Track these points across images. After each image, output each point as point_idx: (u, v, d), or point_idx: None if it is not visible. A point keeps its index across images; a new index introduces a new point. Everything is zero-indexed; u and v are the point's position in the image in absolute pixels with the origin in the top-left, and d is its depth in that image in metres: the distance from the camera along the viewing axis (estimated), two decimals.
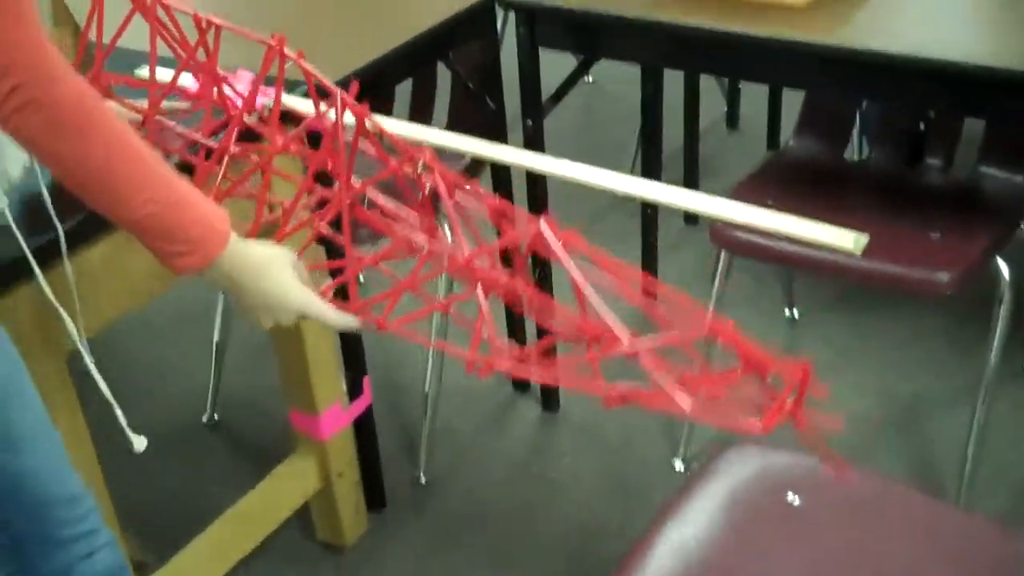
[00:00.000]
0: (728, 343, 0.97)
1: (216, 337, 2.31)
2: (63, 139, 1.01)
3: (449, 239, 1.23)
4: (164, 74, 1.46)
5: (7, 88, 0.97)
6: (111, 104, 1.39)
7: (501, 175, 2.06)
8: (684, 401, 1.00)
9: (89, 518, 1.23)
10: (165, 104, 1.38)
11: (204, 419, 2.30)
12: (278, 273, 1.18)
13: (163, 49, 1.35)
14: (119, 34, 1.33)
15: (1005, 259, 1.80)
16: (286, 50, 1.27)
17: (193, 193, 1.10)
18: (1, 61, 0.96)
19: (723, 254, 1.95)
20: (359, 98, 1.26)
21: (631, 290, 1.07)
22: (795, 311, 2.45)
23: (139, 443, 1.26)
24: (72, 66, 1.02)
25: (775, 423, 0.95)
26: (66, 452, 1.21)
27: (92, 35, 1.34)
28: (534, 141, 2.01)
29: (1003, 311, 1.79)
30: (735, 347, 0.97)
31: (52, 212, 1.21)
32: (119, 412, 1.23)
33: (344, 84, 1.59)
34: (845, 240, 1.19)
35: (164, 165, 1.09)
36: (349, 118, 1.24)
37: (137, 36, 1.34)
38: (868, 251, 1.20)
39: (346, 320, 1.26)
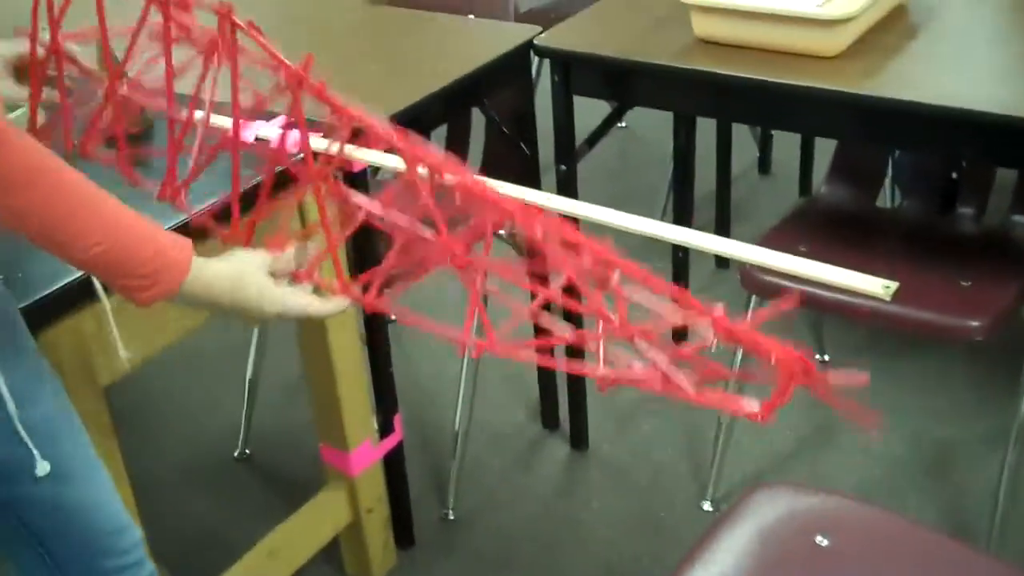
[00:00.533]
0: (722, 329, 0.98)
1: (249, 373, 2.34)
2: (8, 196, 0.98)
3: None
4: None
5: None
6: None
7: None
8: (682, 381, 1.00)
9: (134, 551, 1.24)
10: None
11: (236, 454, 2.33)
12: (250, 283, 1.16)
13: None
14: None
15: None
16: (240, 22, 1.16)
17: (145, 227, 1.07)
18: None
19: (753, 298, 1.96)
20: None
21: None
22: (825, 355, 2.46)
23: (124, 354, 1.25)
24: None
25: (774, 409, 0.95)
26: (112, 484, 1.23)
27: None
28: (567, 185, 2.04)
29: None
30: (730, 332, 0.97)
31: None
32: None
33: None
34: (875, 286, 1.20)
35: (112, 203, 1.05)
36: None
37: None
38: (899, 297, 1.21)
39: (331, 305, 1.22)
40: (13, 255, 1.28)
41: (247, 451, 2.33)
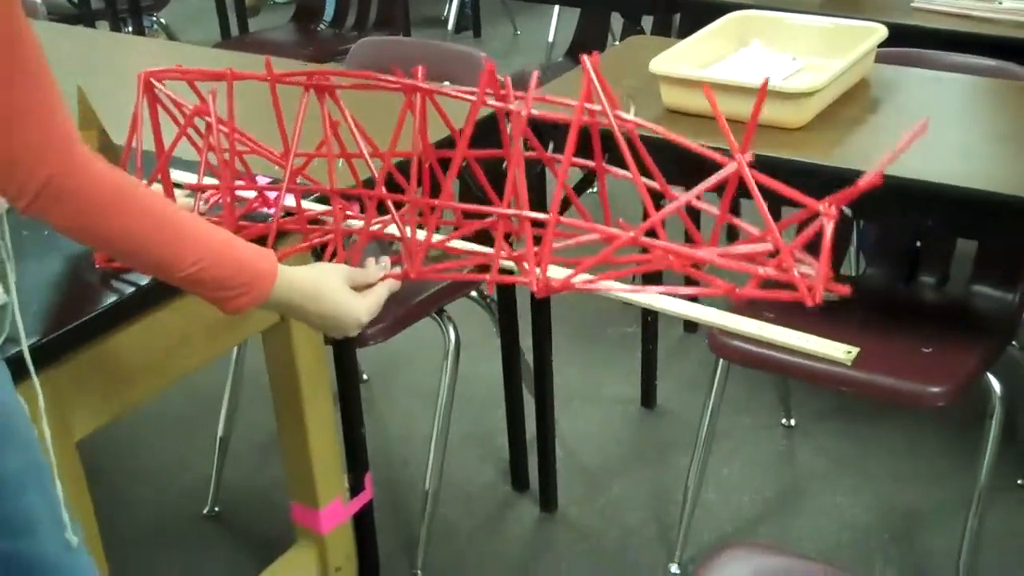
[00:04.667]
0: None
1: (220, 430, 2.35)
2: (101, 221, 1.06)
3: None
4: (185, 177, 1.52)
5: (42, 179, 1.00)
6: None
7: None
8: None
9: None
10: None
11: (205, 511, 2.32)
12: (332, 293, 1.26)
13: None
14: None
15: (996, 375, 1.84)
16: None
17: (234, 242, 1.16)
18: (36, 154, 1.00)
19: (721, 362, 1.99)
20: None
21: None
22: (792, 420, 2.49)
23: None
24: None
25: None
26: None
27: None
28: None
29: (994, 426, 1.83)
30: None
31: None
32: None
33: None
34: (836, 351, 1.23)
35: (201, 223, 1.15)
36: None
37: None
38: (862, 363, 1.25)
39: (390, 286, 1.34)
40: None
41: (216, 508, 2.33)
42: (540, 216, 1.22)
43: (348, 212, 1.40)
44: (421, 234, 1.31)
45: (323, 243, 1.39)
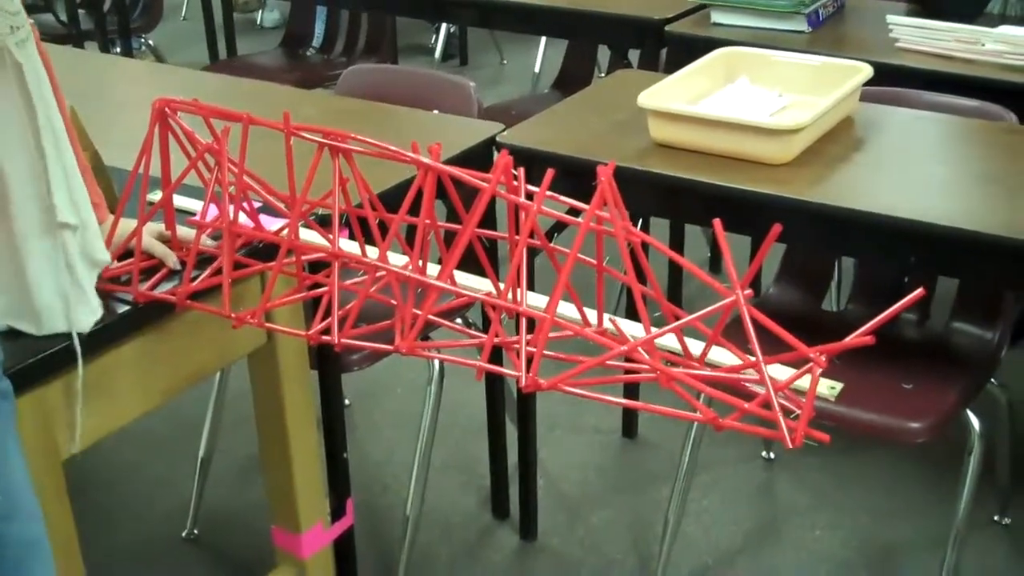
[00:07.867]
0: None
1: (202, 452, 2.34)
2: None
3: None
4: (185, 203, 1.54)
5: None
6: None
7: None
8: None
9: None
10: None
11: (184, 533, 2.31)
12: None
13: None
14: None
15: (975, 412, 1.86)
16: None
17: None
18: None
19: (702, 395, 2.00)
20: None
21: None
22: (771, 453, 2.50)
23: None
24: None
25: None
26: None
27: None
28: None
29: (972, 462, 1.85)
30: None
31: None
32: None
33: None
34: (821, 387, 1.25)
35: None
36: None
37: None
38: (843, 398, 1.26)
39: None
40: None
41: (196, 531, 2.32)
42: (536, 314, 1.25)
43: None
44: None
45: (318, 295, 1.39)
